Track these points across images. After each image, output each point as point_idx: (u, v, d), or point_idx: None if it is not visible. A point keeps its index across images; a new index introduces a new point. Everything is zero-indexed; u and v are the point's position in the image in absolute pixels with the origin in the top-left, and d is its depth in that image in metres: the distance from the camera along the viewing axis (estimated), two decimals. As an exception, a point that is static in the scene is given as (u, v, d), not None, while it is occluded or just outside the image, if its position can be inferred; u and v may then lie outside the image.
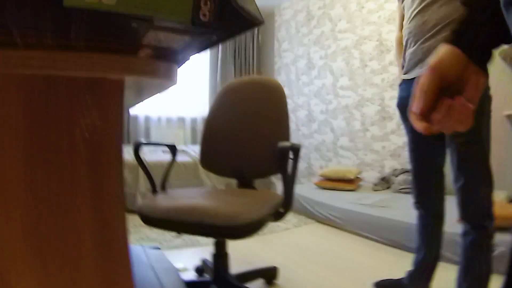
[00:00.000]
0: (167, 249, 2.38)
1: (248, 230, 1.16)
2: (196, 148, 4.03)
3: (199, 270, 1.98)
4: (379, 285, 1.78)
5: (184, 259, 2.23)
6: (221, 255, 1.64)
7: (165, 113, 4.86)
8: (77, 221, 0.57)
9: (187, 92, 4.99)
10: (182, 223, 1.21)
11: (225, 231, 1.16)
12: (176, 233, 2.13)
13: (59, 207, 0.56)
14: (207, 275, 1.91)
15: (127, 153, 3.10)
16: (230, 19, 0.50)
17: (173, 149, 1.76)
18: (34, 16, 0.47)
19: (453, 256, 2.04)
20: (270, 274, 1.94)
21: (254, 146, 1.71)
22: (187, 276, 1.93)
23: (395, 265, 2.15)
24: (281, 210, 1.42)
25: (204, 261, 1.94)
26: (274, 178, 4.17)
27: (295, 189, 1.51)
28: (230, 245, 1.66)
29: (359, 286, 1.87)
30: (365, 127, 3.94)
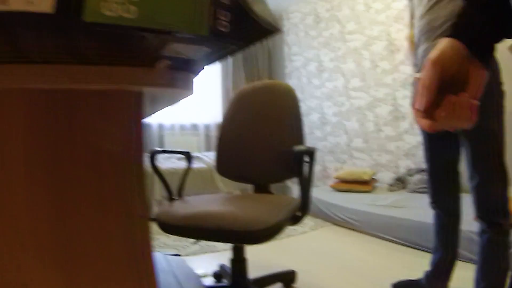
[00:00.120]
0: (184, 255, 2.40)
1: (267, 234, 1.17)
2: (210, 154, 4.05)
3: (217, 275, 1.99)
4: (397, 286, 1.77)
5: (202, 265, 2.24)
6: (239, 260, 1.65)
7: (178, 120, 4.87)
8: (104, 233, 0.58)
9: (200, 98, 5.01)
10: (201, 229, 1.21)
11: (244, 237, 1.16)
12: (194, 239, 2.14)
13: (85, 219, 0.57)
14: (225, 280, 1.92)
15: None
16: (248, 28, 0.50)
17: (188, 156, 1.78)
18: (53, 34, 0.47)
19: (471, 254, 2.01)
20: (288, 278, 1.93)
21: (269, 151, 1.71)
22: (206, 282, 1.94)
23: (413, 265, 2.13)
24: (298, 214, 1.43)
25: (222, 266, 1.94)
26: (290, 182, 4.16)
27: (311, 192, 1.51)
28: (247, 250, 1.67)
29: (377, 287, 1.86)
30: (378, 127, 3.91)
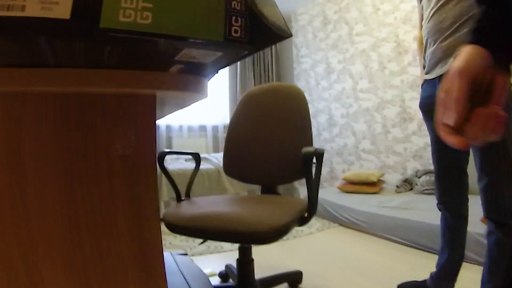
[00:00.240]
0: (191, 255, 2.42)
1: (274, 235, 1.18)
2: (218, 155, 4.07)
3: (223, 275, 2.00)
4: (403, 287, 1.77)
5: (209, 265, 2.26)
6: (246, 261, 1.66)
7: (186, 121, 4.90)
8: (114, 233, 0.59)
9: (208, 100, 5.03)
10: (209, 230, 1.23)
11: (251, 237, 1.17)
12: (201, 239, 2.16)
13: (96, 220, 0.58)
14: (231, 280, 1.93)
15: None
16: (260, 33, 0.51)
17: (197, 157, 1.80)
18: (68, 38, 0.47)
19: (477, 256, 2.01)
20: (294, 279, 1.94)
21: (277, 152, 1.73)
22: (212, 282, 1.96)
23: (419, 267, 2.13)
24: (305, 215, 1.44)
25: (228, 266, 1.96)
26: (297, 183, 4.16)
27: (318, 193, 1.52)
28: (254, 250, 1.67)
29: (384, 289, 1.86)
30: (386, 129, 3.90)
